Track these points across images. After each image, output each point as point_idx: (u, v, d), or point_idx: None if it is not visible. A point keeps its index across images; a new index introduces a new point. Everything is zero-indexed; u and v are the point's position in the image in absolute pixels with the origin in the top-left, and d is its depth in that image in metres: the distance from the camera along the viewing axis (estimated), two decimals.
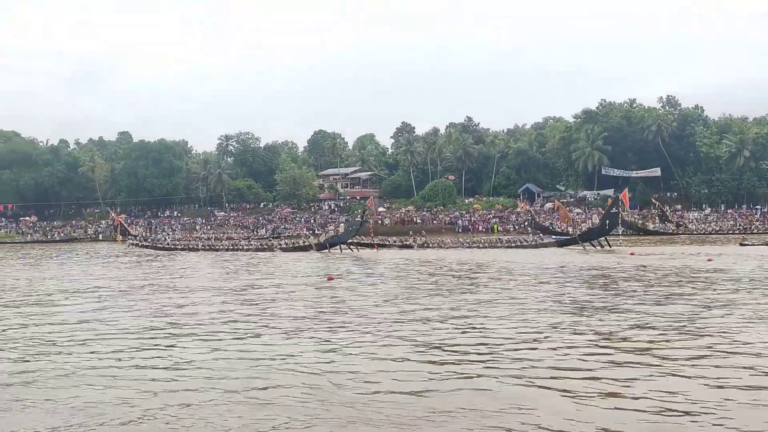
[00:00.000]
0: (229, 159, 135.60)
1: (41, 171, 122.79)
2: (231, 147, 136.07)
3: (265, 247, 65.26)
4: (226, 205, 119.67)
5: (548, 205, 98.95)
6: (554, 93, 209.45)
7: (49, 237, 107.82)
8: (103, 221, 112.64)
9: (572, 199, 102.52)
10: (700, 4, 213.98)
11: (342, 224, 67.03)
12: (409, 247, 63.31)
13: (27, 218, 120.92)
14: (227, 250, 64.86)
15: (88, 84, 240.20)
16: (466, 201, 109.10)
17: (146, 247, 73.03)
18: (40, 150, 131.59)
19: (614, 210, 54.87)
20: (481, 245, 61.56)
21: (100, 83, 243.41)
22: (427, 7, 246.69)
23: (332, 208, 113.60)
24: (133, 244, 76.90)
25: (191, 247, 69.41)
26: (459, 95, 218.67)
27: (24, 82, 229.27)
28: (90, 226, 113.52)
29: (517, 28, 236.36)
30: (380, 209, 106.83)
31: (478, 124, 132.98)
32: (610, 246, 54.44)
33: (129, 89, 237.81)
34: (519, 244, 61.33)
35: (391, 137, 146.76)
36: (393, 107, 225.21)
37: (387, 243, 66.45)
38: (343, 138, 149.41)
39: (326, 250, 58.52)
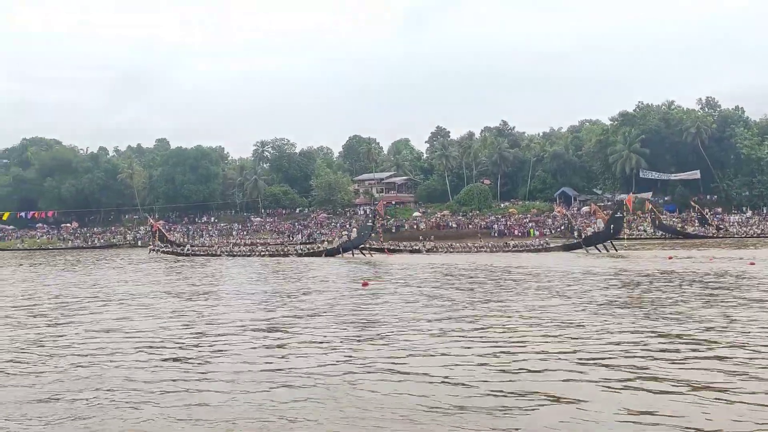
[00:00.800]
0: (265, 165, 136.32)
1: (82, 178, 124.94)
2: (267, 153, 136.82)
3: (281, 252, 66.17)
4: (262, 210, 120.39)
5: (585, 208, 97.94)
6: (590, 95, 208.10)
7: (89, 243, 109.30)
8: (142, 227, 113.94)
9: (609, 203, 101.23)
10: (738, 3, 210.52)
11: (354, 229, 67.82)
12: (418, 251, 64.31)
13: (68, 224, 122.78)
14: (245, 255, 66.09)
15: (129, 92, 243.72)
16: (502, 205, 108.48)
17: (167, 253, 73.89)
18: (81, 158, 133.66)
19: (619, 214, 56.13)
20: (488, 249, 62.60)
21: (140, 91, 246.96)
22: (462, 10, 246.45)
23: (367, 213, 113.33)
24: (153, 250, 77.39)
25: (211, 253, 70.40)
26: (494, 99, 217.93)
27: (66, 91, 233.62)
28: (129, 232, 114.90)
29: (552, 31, 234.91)
30: (415, 214, 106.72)
31: (514, 127, 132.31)
32: (616, 250, 54.76)
33: (167, 97, 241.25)
34: (526, 247, 62.28)
35: (425, 142, 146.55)
36: (428, 112, 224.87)
37: (399, 248, 67.31)
38: (378, 143, 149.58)
39: (339, 255, 59.63)
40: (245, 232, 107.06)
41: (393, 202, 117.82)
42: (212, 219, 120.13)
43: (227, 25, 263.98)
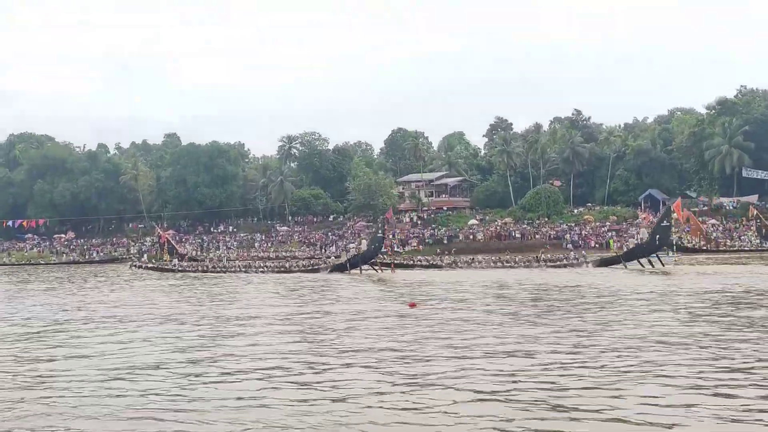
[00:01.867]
0: (292, 164, 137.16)
1: (78, 180, 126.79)
2: (294, 150, 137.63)
3: (283, 268, 67.94)
4: (289, 218, 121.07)
5: (675, 215, 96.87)
6: (682, 80, 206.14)
7: (87, 257, 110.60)
8: (148, 238, 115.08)
9: (706, 208, 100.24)
10: None
11: (364, 241, 68.95)
12: (437, 266, 66.17)
13: (62, 235, 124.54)
14: (242, 271, 67.78)
15: (131, 81, 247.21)
16: (575, 211, 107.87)
17: (152, 269, 75.82)
18: (77, 156, 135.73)
19: (665, 223, 55.80)
20: (516, 264, 63.94)
21: (144, 82, 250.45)
22: None
23: (414, 220, 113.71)
24: (135, 266, 79.68)
25: (202, 269, 72.00)
26: (565, 84, 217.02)
27: (59, 81, 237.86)
28: (133, 243, 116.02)
29: (636, 6, 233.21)
30: (471, 222, 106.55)
31: (589, 118, 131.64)
32: (663, 265, 54.95)
33: (176, 87, 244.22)
34: (558, 263, 63.22)
35: (483, 135, 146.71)
36: (486, 100, 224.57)
37: (411, 263, 69.32)
38: (427, 137, 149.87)
39: (347, 271, 61.78)
40: (269, 244, 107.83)
41: (444, 208, 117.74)
42: (231, 228, 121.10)
43: (244, 13, 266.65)
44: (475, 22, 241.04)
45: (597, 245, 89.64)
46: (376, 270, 62.17)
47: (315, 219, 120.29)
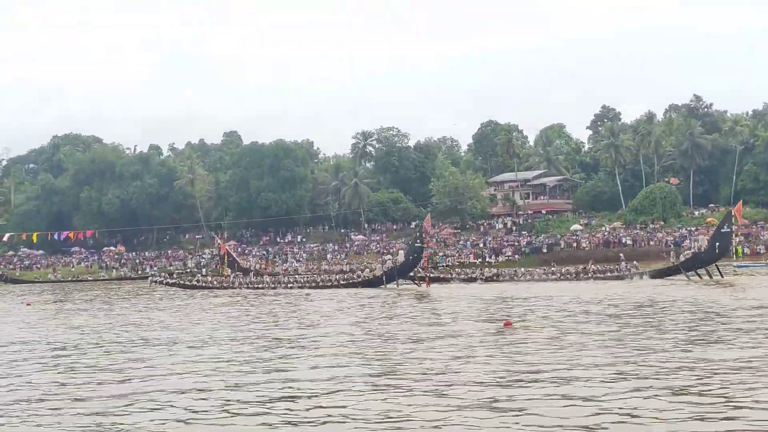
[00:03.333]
0: (368, 164, 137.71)
1: (129, 186, 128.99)
2: (370, 148, 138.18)
3: (314, 284, 69.06)
4: (365, 225, 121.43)
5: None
6: None
7: (139, 272, 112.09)
8: (207, 250, 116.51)
9: None
10: None
11: (401, 252, 69.21)
12: (473, 280, 67.73)
13: (112, 248, 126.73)
14: (270, 287, 69.49)
15: (182, 77, 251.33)
16: (696, 213, 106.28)
17: (173, 285, 78.03)
18: (127, 159, 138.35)
19: (725, 229, 57.21)
20: (562, 277, 64.99)
21: (198, 76, 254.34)
22: None
23: (508, 226, 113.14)
24: (155, 281, 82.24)
25: (225, 285, 73.85)
26: (682, 67, 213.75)
27: (106, 76, 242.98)
28: (190, 256, 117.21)
29: None
30: (575, 227, 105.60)
31: (711, 105, 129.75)
32: (722, 276, 56.08)
33: (235, 82, 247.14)
34: (609, 275, 64.34)
35: (587, 128, 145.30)
36: (588, 87, 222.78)
37: (449, 276, 71.63)
38: (521, 131, 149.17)
39: (382, 286, 62.99)
40: (343, 255, 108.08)
41: (543, 212, 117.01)
42: (299, 238, 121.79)
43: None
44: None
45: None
46: (415, 284, 63.43)
47: (394, 226, 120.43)
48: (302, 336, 29.86)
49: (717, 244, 56.70)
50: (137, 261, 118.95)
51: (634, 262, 69.91)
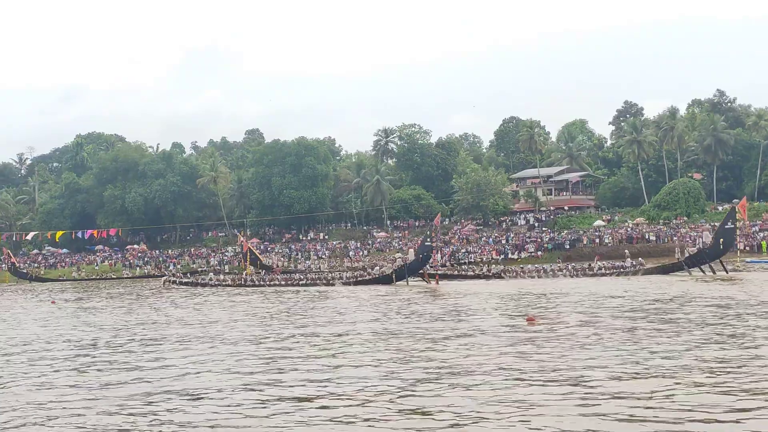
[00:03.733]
0: (390, 161, 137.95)
1: (152, 185, 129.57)
2: (392, 145, 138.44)
3: (325, 281, 69.84)
4: (388, 222, 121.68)
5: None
6: None
7: (162, 270, 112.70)
8: (230, 247, 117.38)
9: None
10: None
11: (411, 250, 70.49)
12: (479, 277, 68.06)
13: (135, 246, 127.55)
14: (281, 285, 70.90)
15: (206, 74, 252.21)
16: (720, 209, 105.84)
17: (186, 284, 79.06)
18: (150, 158, 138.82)
19: (729, 225, 58.48)
20: (568, 273, 65.19)
21: (221, 72, 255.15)
22: None
23: (531, 222, 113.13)
24: (168, 281, 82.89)
25: (238, 283, 75.06)
26: (704, 61, 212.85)
27: (129, 75, 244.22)
28: (213, 254, 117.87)
29: None
30: (597, 223, 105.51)
31: (734, 99, 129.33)
32: (726, 271, 57.03)
33: (256, 76, 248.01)
34: (614, 270, 64.46)
35: (609, 123, 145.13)
36: (611, 82, 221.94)
37: (456, 273, 71.77)
38: (543, 127, 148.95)
39: (394, 284, 63.45)
40: (365, 252, 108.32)
41: (565, 208, 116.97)
42: (321, 235, 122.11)
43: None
44: None
45: (747, 248, 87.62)
46: (425, 281, 63.98)
47: (417, 223, 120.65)
48: (336, 334, 30.06)
49: (721, 240, 57.43)
50: (160, 259, 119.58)
51: (639, 258, 70.13)
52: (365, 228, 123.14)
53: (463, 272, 72.03)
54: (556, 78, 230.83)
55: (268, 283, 72.88)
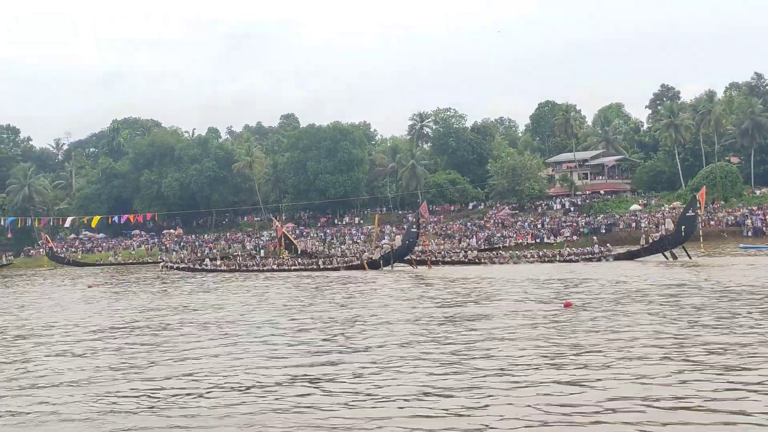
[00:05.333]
0: (425, 145, 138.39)
1: (188, 170, 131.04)
2: (427, 129, 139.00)
3: (317, 267, 72.90)
4: None
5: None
6: None
7: (199, 255, 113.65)
8: (265, 232, 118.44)
9: None
10: None
11: (398, 237, 75.19)
12: (463, 263, 70.80)
13: (171, 231, 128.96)
14: (271, 270, 74.26)
15: (241, 59, 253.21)
16: (758, 192, 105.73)
17: (184, 270, 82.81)
18: (186, 143, 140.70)
19: (690, 213, 61.61)
20: (537, 260, 68.21)
21: (258, 57, 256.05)
22: None
23: (566, 207, 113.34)
24: (166, 267, 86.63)
25: (233, 268, 78.95)
26: (742, 44, 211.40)
27: (165, 60, 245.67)
28: (249, 239, 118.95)
29: None
30: (634, 207, 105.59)
31: None
32: (689, 257, 59.54)
33: (293, 62, 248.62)
34: (583, 256, 67.82)
35: (646, 107, 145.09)
36: (648, 65, 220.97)
37: (443, 259, 73.60)
38: (579, 111, 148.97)
39: (383, 269, 66.69)
40: (400, 236, 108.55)
41: (601, 192, 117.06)
42: (357, 220, 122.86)
43: None
44: None
45: None
46: (414, 267, 66.00)
47: (452, 207, 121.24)
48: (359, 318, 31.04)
49: (683, 227, 60.34)
50: (196, 244, 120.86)
51: (607, 244, 73.02)
52: (400, 212, 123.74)
53: (444, 258, 73.65)
54: (593, 61, 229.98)
55: (261, 268, 76.37)
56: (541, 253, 70.22)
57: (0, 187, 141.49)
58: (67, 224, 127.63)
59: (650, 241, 64.38)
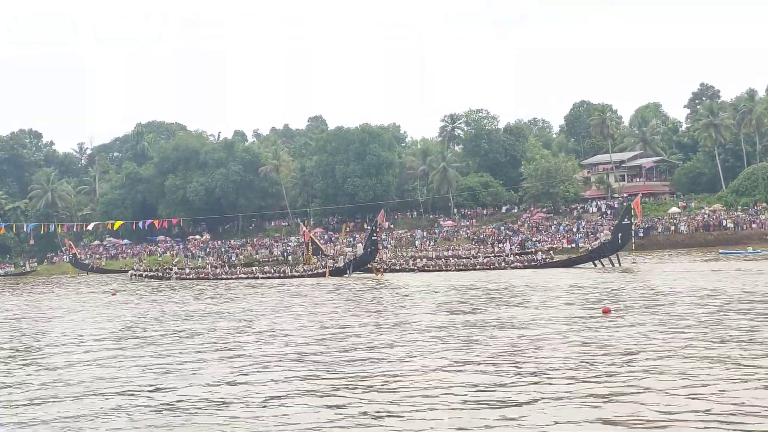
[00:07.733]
0: (456, 147, 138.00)
1: (213, 174, 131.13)
2: (459, 131, 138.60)
3: (282, 274, 75.97)
4: (455, 210, 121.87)
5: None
6: None
7: (225, 260, 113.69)
8: (293, 237, 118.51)
9: None
10: None
11: (359, 244, 79.33)
12: (409, 270, 74.05)
13: (197, 236, 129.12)
14: (238, 279, 76.51)
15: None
16: None
17: (153, 278, 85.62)
18: (211, 146, 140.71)
19: (626, 221, 64.14)
20: (487, 267, 71.40)
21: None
22: None
23: (602, 209, 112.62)
24: (135, 275, 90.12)
25: (202, 276, 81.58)
26: None
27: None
28: (276, 244, 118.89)
29: None
30: (672, 210, 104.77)
31: None
32: (620, 264, 63.36)
33: (320, 65, 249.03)
34: (528, 263, 70.55)
35: (684, 106, 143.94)
36: (687, 64, 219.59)
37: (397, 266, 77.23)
38: (615, 111, 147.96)
39: (346, 276, 69.39)
40: (431, 241, 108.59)
41: (639, 194, 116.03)
42: (387, 224, 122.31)
43: None
44: None
45: None
46: (374, 274, 68.56)
47: (485, 211, 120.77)
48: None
49: (619, 235, 63.87)
50: (222, 249, 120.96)
51: (550, 252, 77.06)
52: (432, 216, 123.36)
53: (399, 267, 76.46)
54: (629, 60, 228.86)
55: (229, 276, 78.61)
56: (486, 260, 74.03)
57: (22, 192, 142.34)
58: (89, 228, 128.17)
59: (590, 248, 68.68)
